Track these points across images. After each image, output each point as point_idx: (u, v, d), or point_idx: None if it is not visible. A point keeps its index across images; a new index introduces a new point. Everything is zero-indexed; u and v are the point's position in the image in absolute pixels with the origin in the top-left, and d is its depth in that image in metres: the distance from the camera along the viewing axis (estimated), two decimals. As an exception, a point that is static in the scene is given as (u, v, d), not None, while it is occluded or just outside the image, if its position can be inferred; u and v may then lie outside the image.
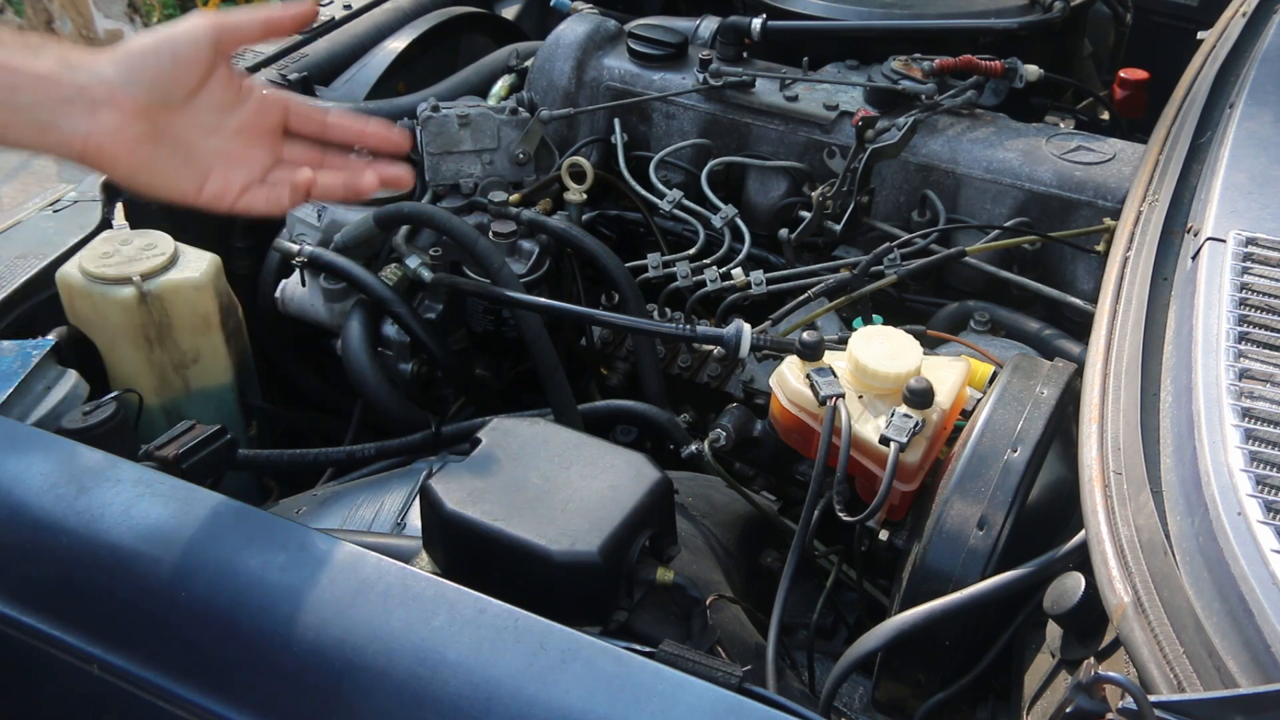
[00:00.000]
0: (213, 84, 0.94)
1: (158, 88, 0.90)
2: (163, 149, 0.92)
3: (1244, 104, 1.28)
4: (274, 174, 0.98)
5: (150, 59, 0.90)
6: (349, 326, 1.57)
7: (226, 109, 0.95)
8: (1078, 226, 1.60)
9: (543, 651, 0.81)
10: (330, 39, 2.07)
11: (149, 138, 0.91)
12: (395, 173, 1.01)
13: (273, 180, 0.98)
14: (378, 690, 0.81)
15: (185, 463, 1.03)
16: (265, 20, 0.96)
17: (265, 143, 0.98)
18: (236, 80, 0.96)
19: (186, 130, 0.93)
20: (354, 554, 0.89)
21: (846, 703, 1.29)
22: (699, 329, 1.38)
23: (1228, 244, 1.03)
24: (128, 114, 0.88)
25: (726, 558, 1.25)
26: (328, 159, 1.01)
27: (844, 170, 1.64)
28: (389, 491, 1.31)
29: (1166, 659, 0.74)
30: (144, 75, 0.90)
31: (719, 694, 0.78)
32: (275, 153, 0.99)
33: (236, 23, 0.94)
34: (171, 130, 0.92)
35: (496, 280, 1.51)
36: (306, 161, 1.00)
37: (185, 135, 0.93)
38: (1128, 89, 2.08)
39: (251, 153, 0.97)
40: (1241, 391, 0.87)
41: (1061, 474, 1.12)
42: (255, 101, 0.97)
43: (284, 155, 0.99)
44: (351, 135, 1.01)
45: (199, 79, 0.92)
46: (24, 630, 0.88)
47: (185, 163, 0.94)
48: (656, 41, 1.88)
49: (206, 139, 0.94)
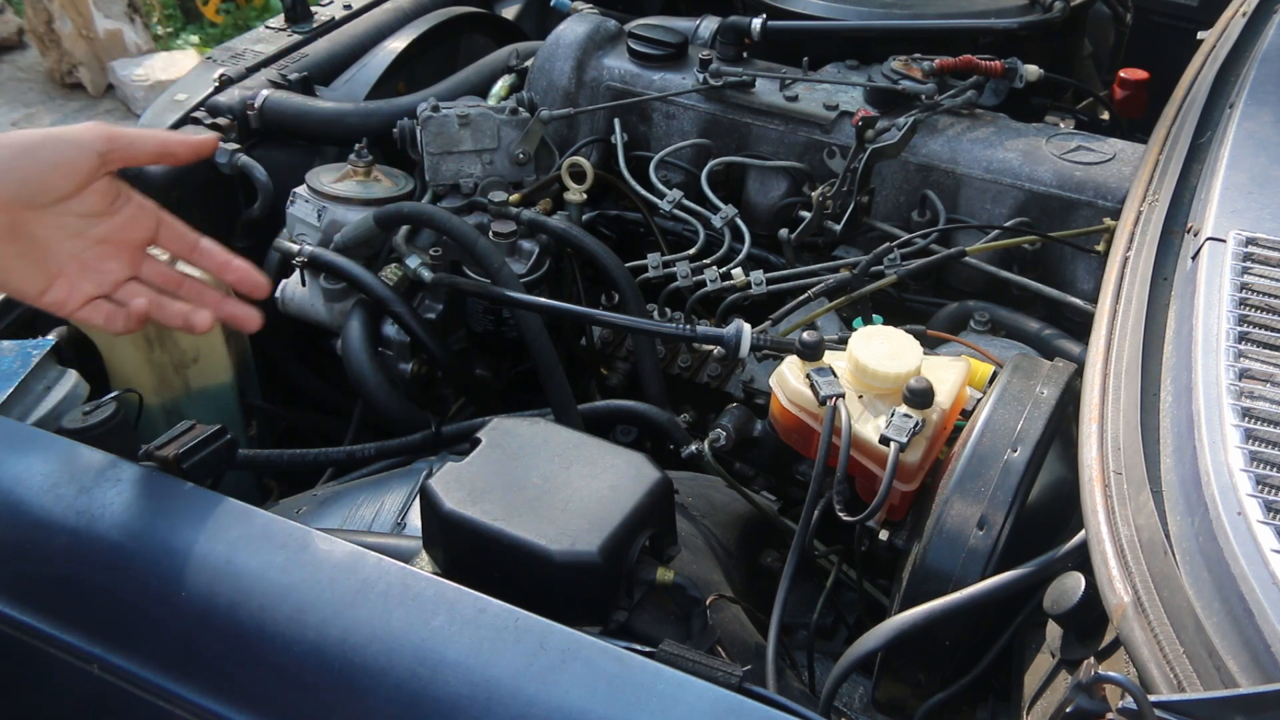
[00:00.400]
0: (87, 193, 0.92)
1: (26, 187, 0.88)
2: (14, 247, 0.90)
3: (1244, 104, 1.28)
4: (124, 289, 0.96)
5: (26, 159, 0.88)
6: (349, 326, 1.57)
7: (94, 217, 0.93)
8: (1078, 226, 1.60)
9: (543, 651, 0.81)
10: (330, 39, 2.07)
11: (3, 232, 0.88)
12: (239, 314, 1.00)
13: (121, 296, 0.96)
14: (378, 690, 0.81)
15: (185, 463, 1.03)
16: (160, 144, 0.95)
17: (124, 256, 0.96)
18: (114, 191, 0.94)
19: (46, 231, 0.91)
20: (354, 554, 0.89)
21: (846, 703, 1.29)
22: (699, 329, 1.38)
23: (1228, 244, 1.03)
24: None
25: (726, 558, 1.25)
26: (185, 285, 0.99)
27: (844, 170, 1.64)
28: (389, 491, 1.31)
29: (1166, 659, 0.74)
30: (14, 174, 0.88)
31: (719, 694, 0.78)
32: (133, 268, 0.97)
33: (130, 139, 0.92)
34: (29, 228, 0.90)
35: (496, 280, 1.51)
36: (163, 284, 0.98)
37: (43, 236, 0.91)
38: (1128, 89, 2.08)
39: (107, 265, 0.95)
40: (1241, 391, 0.87)
41: (1061, 474, 1.12)
42: (127, 214, 0.95)
43: (141, 273, 0.97)
44: (215, 266, 0.99)
45: (74, 187, 0.91)
46: (24, 630, 0.88)
47: (35, 263, 0.91)
48: (656, 41, 1.88)
49: (64, 242, 0.92)
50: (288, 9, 2.10)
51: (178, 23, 5.25)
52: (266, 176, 1.77)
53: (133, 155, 0.93)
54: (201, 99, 1.86)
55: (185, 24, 5.26)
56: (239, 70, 1.93)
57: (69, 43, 4.77)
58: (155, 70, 4.66)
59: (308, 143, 1.89)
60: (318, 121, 1.84)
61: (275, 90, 1.88)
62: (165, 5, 5.22)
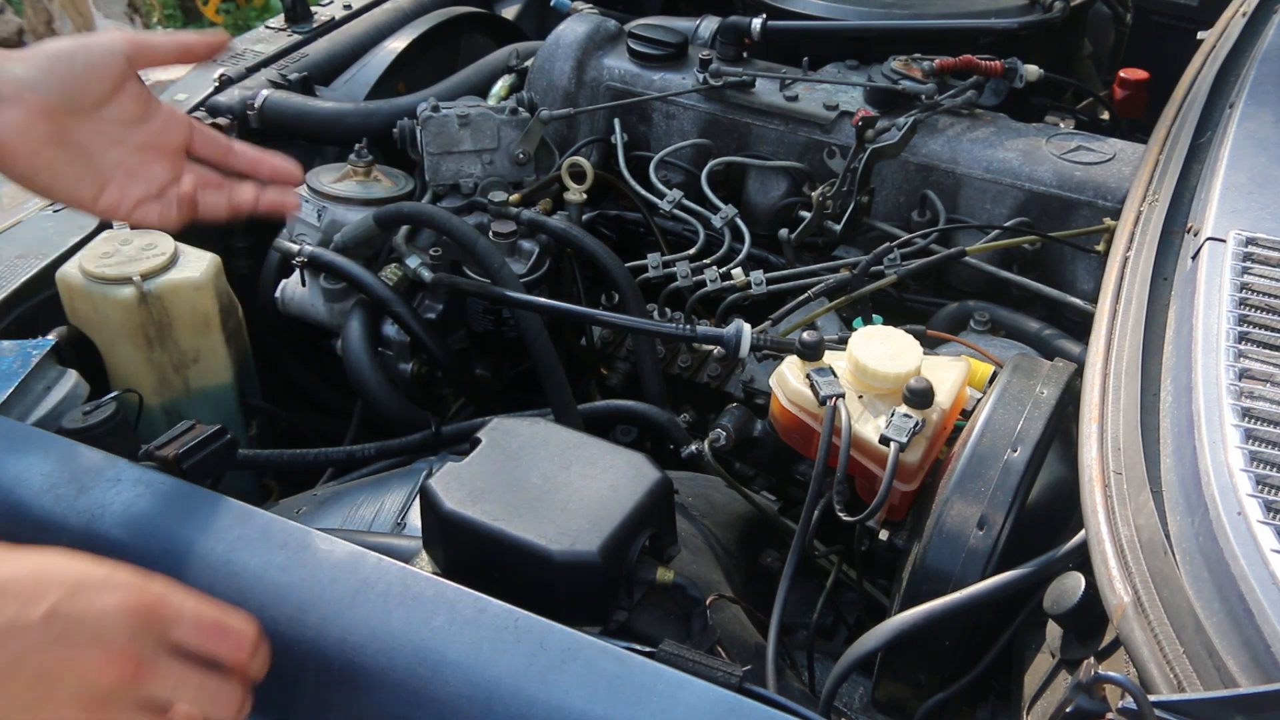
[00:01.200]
0: (122, 96, 0.95)
1: (67, 91, 0.91)
2: (64, 153, 0.92)
3: (1244, 104, 1.28)
4: (170, 191, 0.99)
5: (63, 63, 0.91)
6: (349, 326, 1.57)
7: (132, 123, 0.96)
8: (1078, 226, 1.60)
9: (543, 651, 0.81)
10: (330, 39, 2.07)
11: (52, 140, 0.91)
12: (278, 199, 1.04)
13: (169, 198, 0.99)
14: (378, 690, 0.81)
15: (185, 463, 1.03)
16: (180, 44, 0.99)
17: (166, 160, 0.99)
18: (145, 96, 0.97)
19: (91, 138, 0.94)
20: (354, 554, 0.89)
21: (846, 703, 1.29)
22: (699, 329, 1.38)
23: (1228, 244, 1.03)
24: (34, 114, 0.89)
25: (726, 558, 1.25)
26: (227, 184, 1.02)
27: (844, 170, 1.64)
28: (389, 491, 1.31)
29: (1166, 659, 0.74)
30: (54, 78, 0.90)
31: (719, 694, 0.78)
32: (175, 171, 1.00)
33: (152, 42, 0.96)
34: (76, 136, 0.93)
35: (496, 280, 1.51)
36: (204, 184, 1.01)
37: (89, 143, 0.94)
38: (1128, 89, 2.08)
39: (152, 168, 0.98)
40: (1241, 391, 0.87)
41: (1061, 474, 1.12)
42: (161, 119, 0.99)
43: (183, 175, 1.00)
44: (250, 164, 1.03)
45: (109, 89, 0.93)
46: (24, 630, 0.87)
47: (85, 169, 0.94)
48: (656, 41, 1.88)
49: (109, 149, 0.95)
50: (288, 9, 2.10)
51: (178, 23, 5.25)
52: (266, 176, 1.77)
53: (155, 56, 0.97)
54: (201, 99, 1.86)
55: (185, 24, 5.26)
56: (239, 70, 1.93)
57: None
58: (155, 70, 4.65)
59: (308, 143, 1.89)
60: (318, 121, 1.84)
61: (275, 90, 1.88)
62: (165, 5, 5.22)
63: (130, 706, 0.70)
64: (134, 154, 0.97)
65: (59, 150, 0.92)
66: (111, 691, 0.69)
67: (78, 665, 0.68)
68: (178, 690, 0.72)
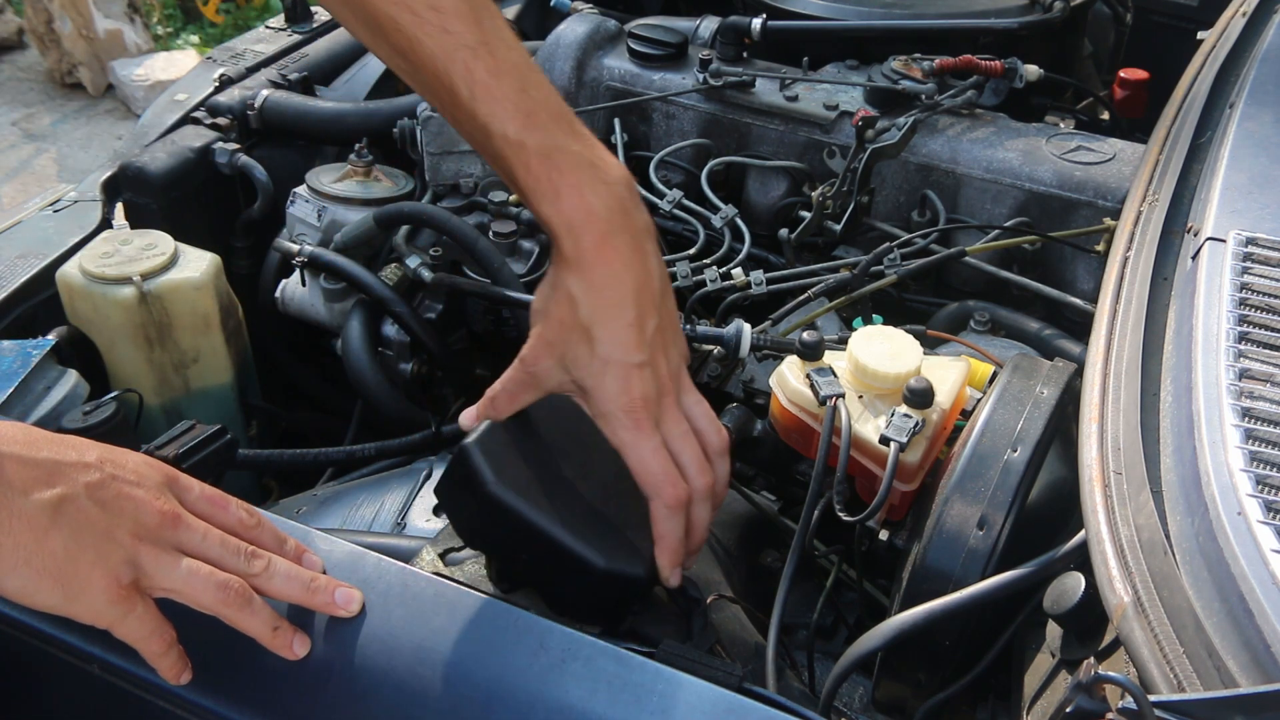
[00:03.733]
0: None
1: None
2: None
3: (1244, 104, 1.28)
4: None
5: None
6: (349, 326, 1.57)
7: None
8: (1078, 226, 1.60)
9: (543, 651, 0.81)
10: (330, 39, 2.08)
11: None
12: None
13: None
14: (378, 690, 0.81)
15: (185, 463, 1.03)
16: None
17: None
18: None
19: None
20: (354, 554, 0.89)
21: (846, 703, 1.29)
22: (699, 329, 1.38)
23: (1228, 244, 1.03)
24: None
25: (726, 558, 1.25)
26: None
27: (844, 170, 1.64)
28: (389, 491, 1.31)
29: (1166, 659, 0.74)
30: None
31: (719, 694, 0.78)
32: None
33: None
34: None
35: (497, 280, 1.51)
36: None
37: None
38: (1128, 89, 2.08)
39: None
40: (1241, 391, 0.87)
41: (1061, 474, 1.12)
42: None
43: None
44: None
45: None
46: (24, 630, 0.88)
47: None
48: (656, 41, 1.88)
49: None
50: (288, 9, 2.10)
51: (178, 23, 5.25)
52: (266, 176, 1.77)
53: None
54: (201, 99, 1.86)
55: (185, 24, 5.26)
56: (239, 70, 1.93)
57: (69, 43, 4.77)
58: (155, 70, 4.65)
59: (308, 143, 1.89)
60: (318, 121, 1.84)
61: (275, 90, 1.88)
62: (165, 5, 5.22)
63: (168, 547, 0.78)
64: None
65: None
66: (157, 530, 0.78)
67: (133, 502, 0.77)
68: (205, 541, 0.80)
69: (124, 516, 0.77)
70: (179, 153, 1.73)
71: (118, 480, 0.78)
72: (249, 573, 0.81)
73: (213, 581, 0.79)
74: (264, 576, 0.82)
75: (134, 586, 0.77)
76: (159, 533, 0.78)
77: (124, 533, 0.76)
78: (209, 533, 0.81)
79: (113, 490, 0.77)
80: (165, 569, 0.78)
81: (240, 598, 0.79)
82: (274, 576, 0.82)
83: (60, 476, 0.75)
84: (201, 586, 0.78)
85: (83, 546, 0.75)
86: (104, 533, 0.76)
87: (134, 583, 0.77)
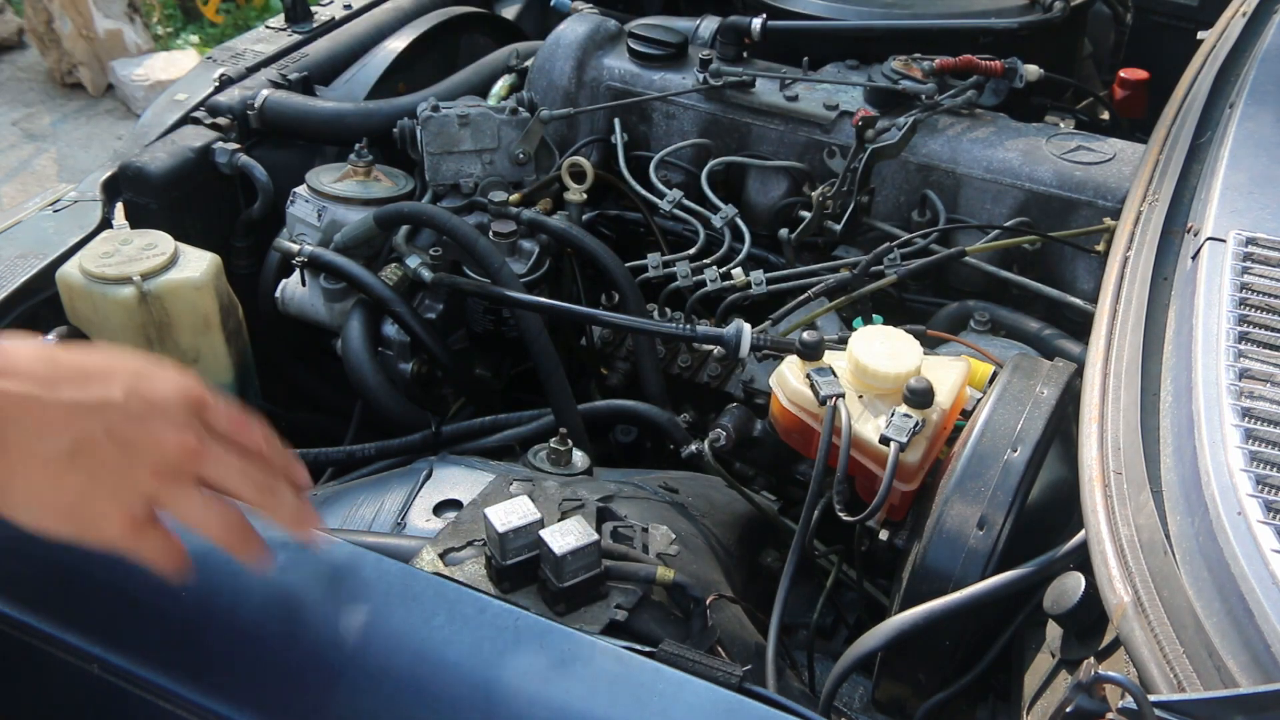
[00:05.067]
0: None
1: None
2: None
3: (1244, 104, 1.28)
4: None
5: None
6: (349, 326, 1.57)
7: None
8: (1078, 226, 1.60)
9: (543, 651, 0.81)
10: (330, 39, 2.07)
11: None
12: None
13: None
14: (378, 690, 0.81)
15: (185, 462, 1.03)
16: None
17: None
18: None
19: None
20: (354, 554, 0.89)
21: (846, 703, 1.29)
22: (699, 329, 1.38)
23: (1228, 244, 1.03)
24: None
25: (726, 558, 1.25)
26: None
27: (844, 170, 1.64)
28: (389, 491, 1.30)
29: (1166, 659, 0.74)
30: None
31: (719, 694, 0.78)
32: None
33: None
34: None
35: (496, 280, 1.51)
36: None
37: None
38: (1128, 89, 2.08)
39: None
40: (1241, 391, 0.87)
41: (1061, 474, 1.12)
42: None
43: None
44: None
45: None
46: (24, 630, 0.88)
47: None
48: (656, 41, 1.88)
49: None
50: (288, 9, 2.09)
51: (178, 23, 5.25)
52: (266, 176, 1.77)
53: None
54: (201, 99, 1.86)
55: (185, 24, 5.26)
56: (239, 70, 1.93)
57: (69, 42, 4.77)
58: (155, 70, 4.65)
59: (308, 143, 1.89)
60: (318, 121, 1.84)
61: (275, 90, 1.88)
62: (165, 5, 5.22)
63: (190, 482, 0.78)
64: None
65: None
66: (179, 465, 0.77)
67: (154, 438, 0.77)
68: (226, 473, 0.80)
69: (144, 455, 0.77)
70: (179, 153, 1.73)
71: (142, 418, 0.77)
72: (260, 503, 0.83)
73: (223, 521, 0.80)
74: (270, 508, 0.84)
75: (148, 517, 0.78)
76: (179, 467, 0.78)
77: (143, 471, 0.77)
78: (230, 465, 0.81)
79: (134, 431, 0.77)
80: (180, 503, 0.78)
81: (244, 533, 0.82)
82: (280, 508, 0.84)
83: (80, 418, 0.75)
84: (213, 523, 0.80)
85: (98, 485, 0.75)
86: (122, 473, 0.76)
87: (148, 514, 0.78)
